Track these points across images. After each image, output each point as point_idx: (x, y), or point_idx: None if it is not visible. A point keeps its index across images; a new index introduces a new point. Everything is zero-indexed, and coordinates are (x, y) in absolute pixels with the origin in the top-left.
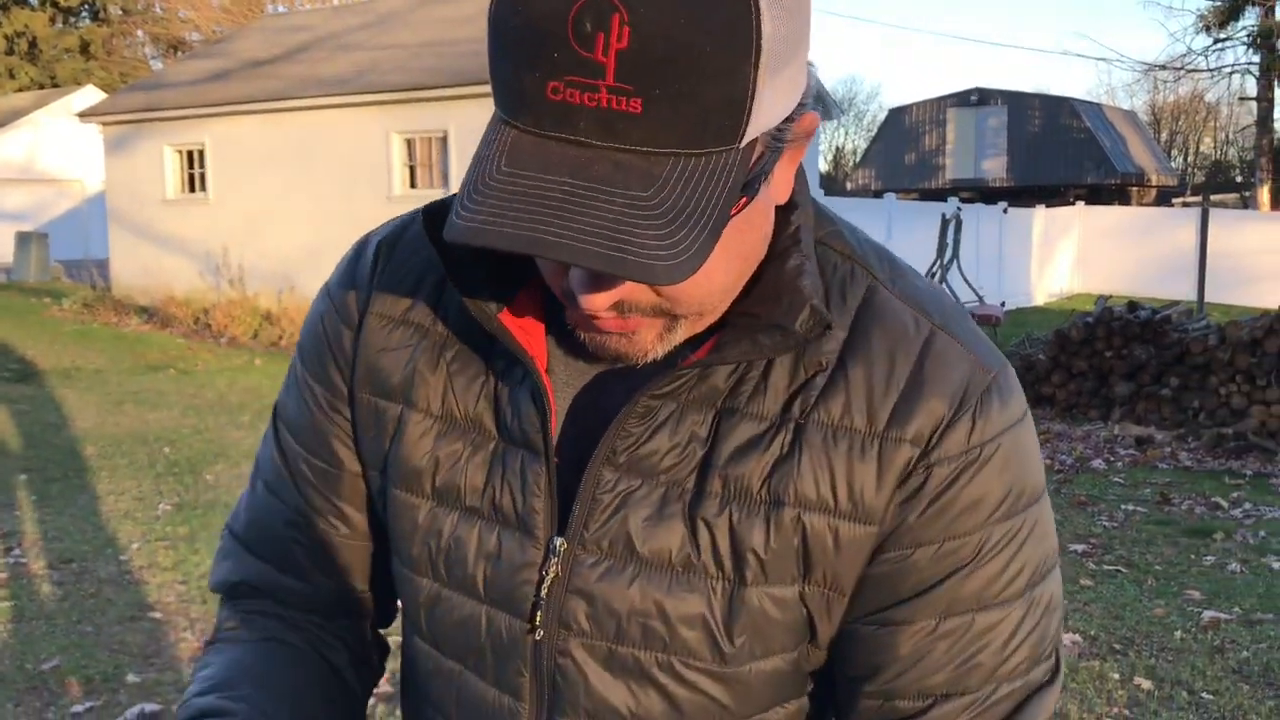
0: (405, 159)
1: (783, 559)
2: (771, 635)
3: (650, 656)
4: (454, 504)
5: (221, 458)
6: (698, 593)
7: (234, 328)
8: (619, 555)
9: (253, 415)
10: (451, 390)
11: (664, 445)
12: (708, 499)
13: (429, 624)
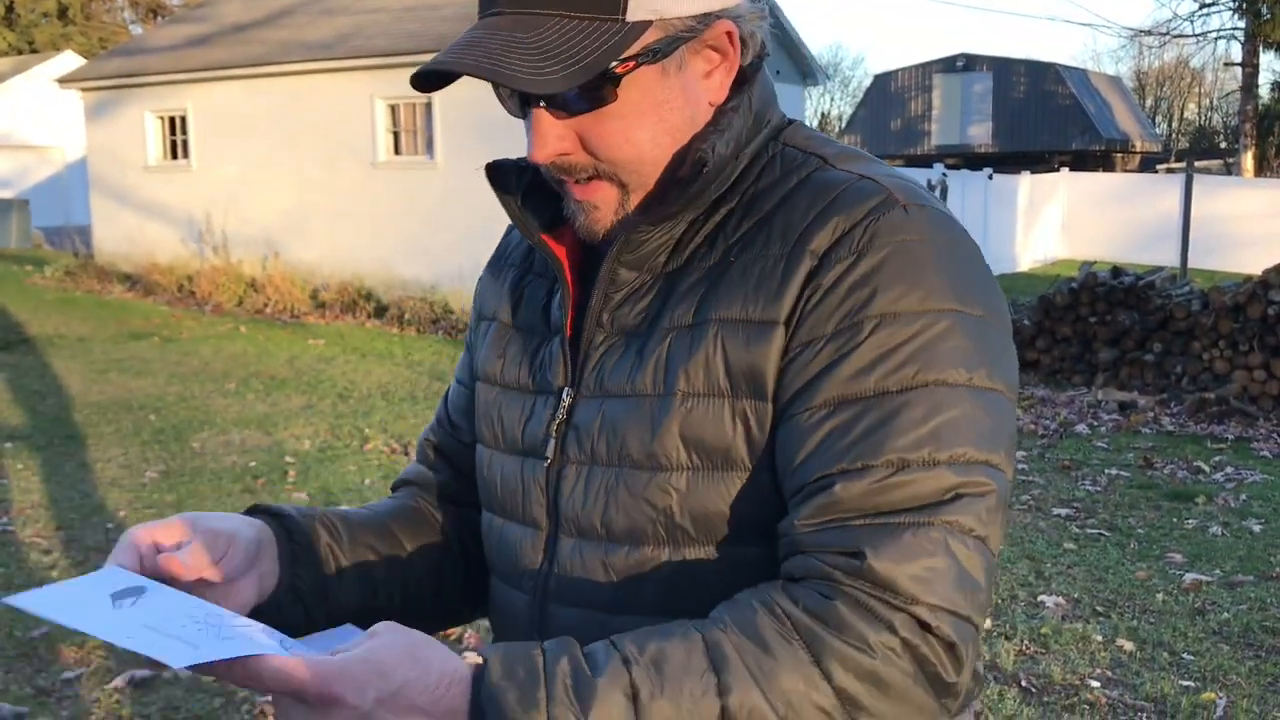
0: (389, 125)
1: (707, 371)
2: (706, 445)
3: (611, 472)
4: (511, 387)
5: (207, 425)
6: (638, 410)
7: (218, 295)
8: (593, 393)
9: (238, 382)
10: (522, 305)
11: (631, 306)
12: (653, 337)
13: (486, 488)
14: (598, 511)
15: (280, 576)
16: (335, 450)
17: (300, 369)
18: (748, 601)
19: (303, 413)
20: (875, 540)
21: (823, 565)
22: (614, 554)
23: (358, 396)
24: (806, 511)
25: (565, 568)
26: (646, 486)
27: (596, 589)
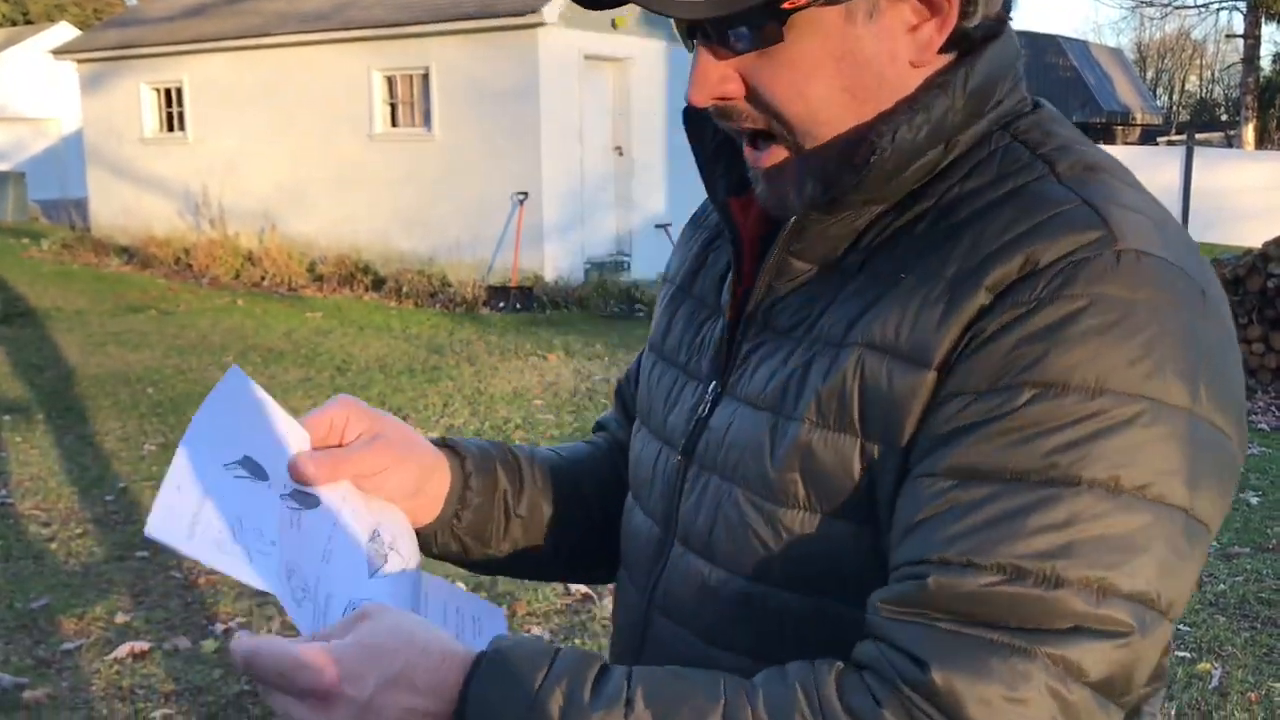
0: (386, 96)
1: (841, 401)
2: (828, 486)
3: (726, 489)
4: (670, 361)
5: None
6: (764, 428)
7: (215, 268)
8: (733, 394)
9: (236, 355)
10: (703, 272)
11: (792, 303)
12: (801, 347)
13: (630, 464)
14: (706, 527)
15: (442, 512)
16: None
17: (298, 342)
18: (793, 678)
19: (301, 385)
20: (951, 652)
21: (887, 662)
22: (714, 579)
23: (356, 369)
24: (893, 595)
25: (672, 578)
26: (755, 516)
27: (695, 613)
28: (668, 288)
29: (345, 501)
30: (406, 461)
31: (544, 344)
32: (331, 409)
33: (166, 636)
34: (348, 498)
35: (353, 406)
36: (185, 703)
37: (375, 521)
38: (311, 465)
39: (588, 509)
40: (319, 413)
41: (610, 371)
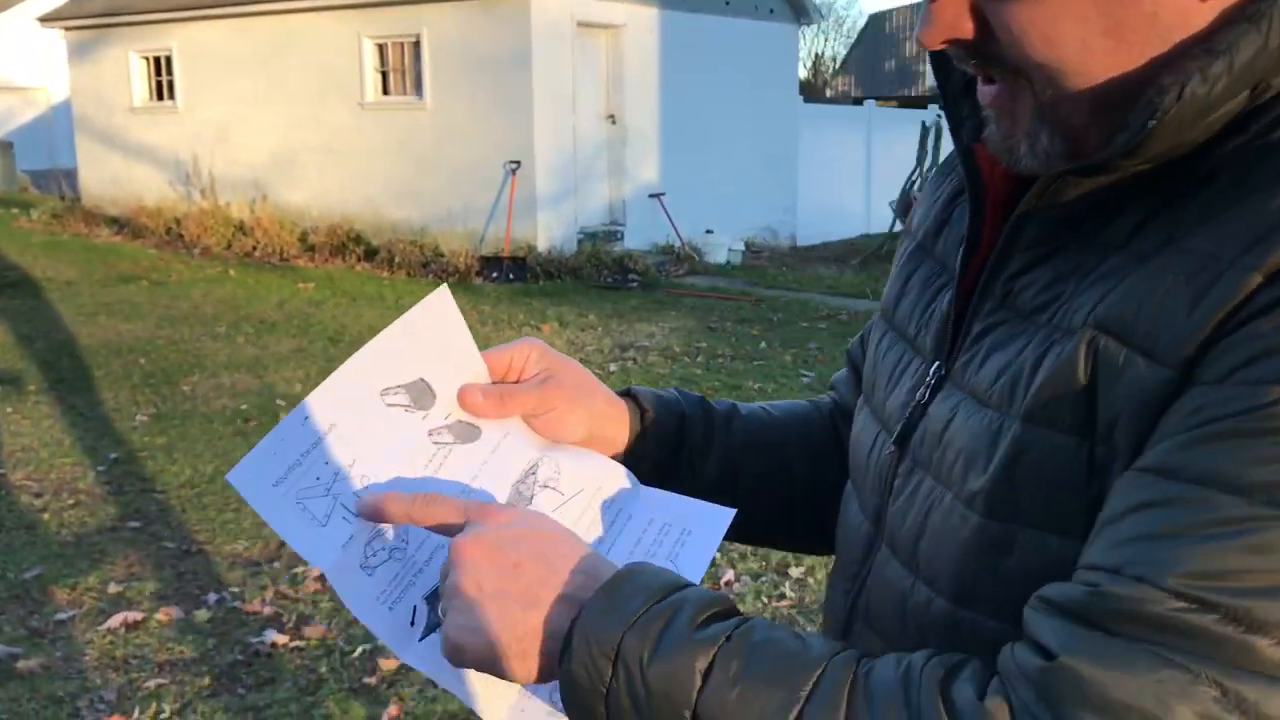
0: (377, 64)
1: (1064, 394)
2: (1051, 499)
3: (938, 494)
4: (899, 331)
5: (198, 368)
6: (982, 426)
7: (207, 238)
8: (958, 381)
9: (228, 326)
10: (946, 228)
11: (1034, 278)
12: (1040, 331)
13: (850, 445)
14: (914, 534)
15: (624, 455)
16: None
17: (290, 312)
18: (902, 664)
19: (294, 356)
20: (1091, 645)
21: (1009, 654)
22: (918, 595)
23: (349, 340)
24: (1052, 593)
25: (876, 586)
26: (968, 530)
27: (898, 630)
28: (908, 243)
29: (507, 437)
30: (577, 405)
31: (537, 314)
32: (514, 347)
33: (160, 606)
34: (511, 434)
35: (536, 347)
36: (179, 672)
37: (535, 458)
38: (480, 395)
39: (790, 473)
40: (501, 350)
41: (603, 341)
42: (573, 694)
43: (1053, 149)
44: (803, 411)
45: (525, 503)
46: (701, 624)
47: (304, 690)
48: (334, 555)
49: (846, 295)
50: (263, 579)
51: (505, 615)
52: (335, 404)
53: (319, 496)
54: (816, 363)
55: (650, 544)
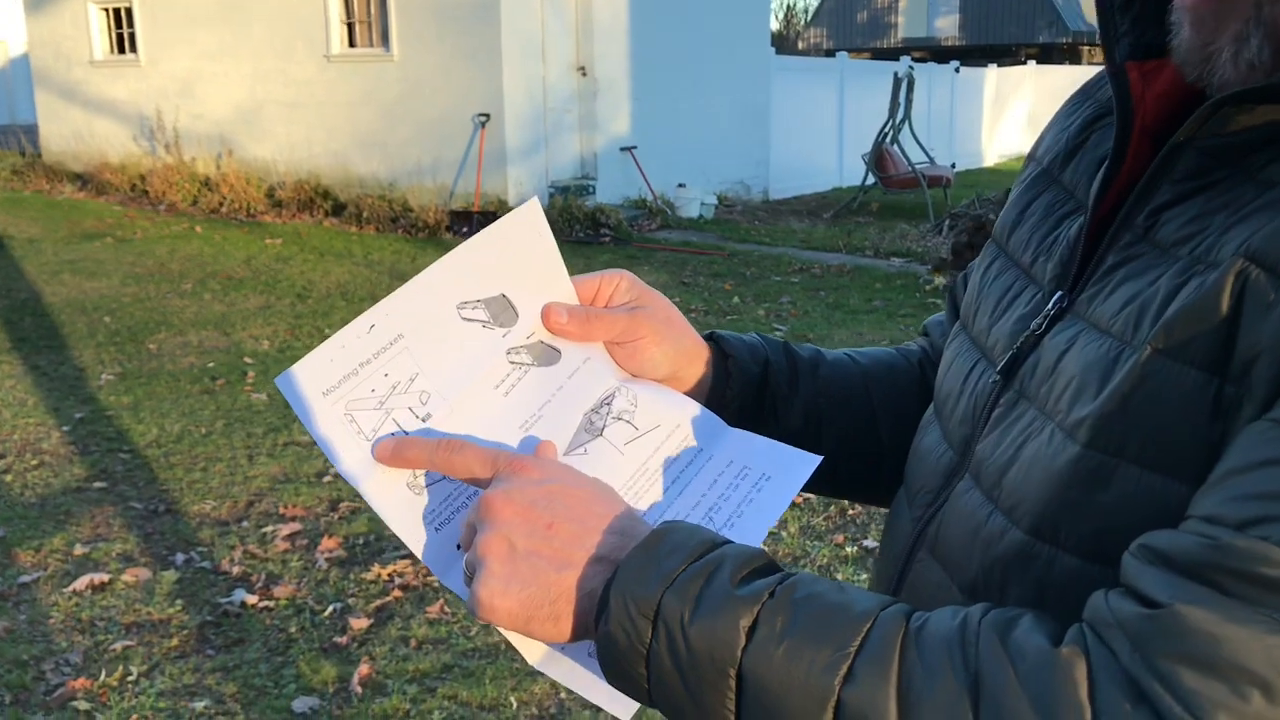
0: (343, 15)
1: (1202, 324)
2: (1163, 435)
3: (1038, 425)
4: (1013, 257)
5: (164, 326)
6: (1098, 355)
7: (172, 194)
8: (1081, 312)
9: (194, 283)
10: (1079, 154)
11: (1184, 212)
12: (1177, 266)
13: (940, 372)
14: (1002, 465)
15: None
16: (295, 351)
17: (257, 269)
18: (958, 616)
19: (261, 313)
20: (1201, 599)
21: (1103, 602)
22: (992, 525)
23: (316, 296)
24: (1162, 542)
25: (950, 516)
26: (1063, 459)
27: (962, 561)
28: (1031, 168)
29: (587, 363)
30: (664, 339)
31: None
32: (604, 274)
33: (127, 567)
34: (591, 359)
35: (626, 277)
36: (147, 634)
37: (613, 388)
38: (565, 315)
39: (874, 425)
40: (590, 276)
41: None
42: (612, 655)
43: (1260, 58)
44: (889, 360)
45: (596, 434)
46: (743, 580)
47: (274, 650)
48: (374, 472)
49: (819, 249)
50: (231, 539)
51: (538, 576)
52: (405, 314)
53: (370, 410)
54: (790, 316)
55: (725, 486)
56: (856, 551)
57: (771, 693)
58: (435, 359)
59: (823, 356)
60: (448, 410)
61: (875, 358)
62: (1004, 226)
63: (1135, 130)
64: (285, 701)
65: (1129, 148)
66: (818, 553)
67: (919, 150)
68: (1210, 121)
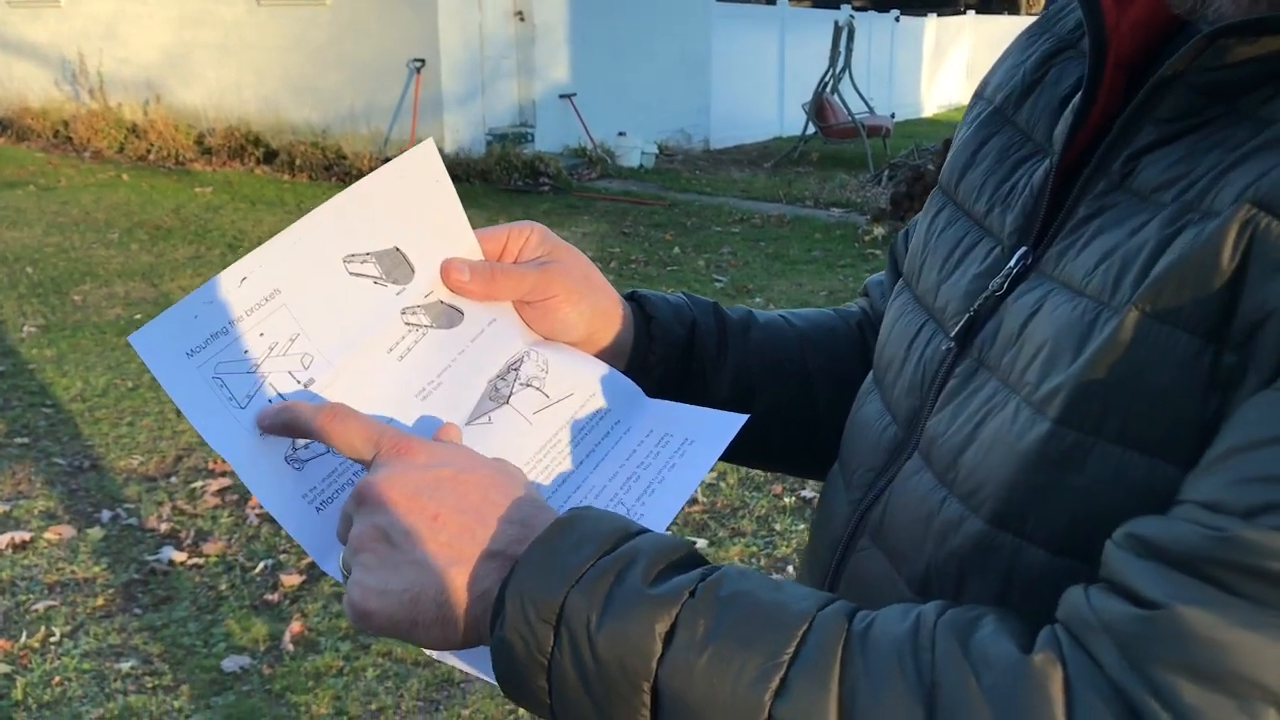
0: None
1: (1199, 283)
2: (1147, 410)
3: (1001, 398)
4: (963, 206)
5: (89, 276)
6: (1072, 318)
7: (97, 141)
8: (1049, 271)
9: (121, 233)
10: (1036, 93)
11: (1168, 156)
12: (1163, 215)
13: (880, 336)
14: (960, 443)
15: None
16: None
17: (186, 218)
18: (909, 616)
19: (190, 263)
20: (1203, 599)
21: (1084, 600)
22: (948, 512)
23: (248, 246)
24: (1154, 531)
25: (898, 499)
26: (1030, 437)
27: (911, 552)
28: (980, 107)
29: (492, 324)
30: (578, 298)
31: None
32: (513, 227)
33: (49, 525)
34: (498, 320)
35: (538, 230)
36: (71, 593)
37: (521, 351)
38: (467, 271)
39: (810, 391)
40: (496, 229)
41: None
42: (508, 666)
43: None
44: (827, 323)
45: (502, 401)
46: (659, 576)
47: (203, 608)
48: (247, 442)
49: (759, 199)
50: (159, 495)
51: (421, 575)
52: (283, 266)
53: (243, 373)
54: (730, 267)
55: (645, 455)
56: (795, 502)
57: (692, 709)
58: (318, 318)
59: (754, 318)
60: (333, 375)
61: (812, 320)
62: (952, 172)
63: (1109, 63)
64: (215, 660)
65: (1102, 83)
66: (756, 504)
67: (859, 100)
68: (1205, 54)
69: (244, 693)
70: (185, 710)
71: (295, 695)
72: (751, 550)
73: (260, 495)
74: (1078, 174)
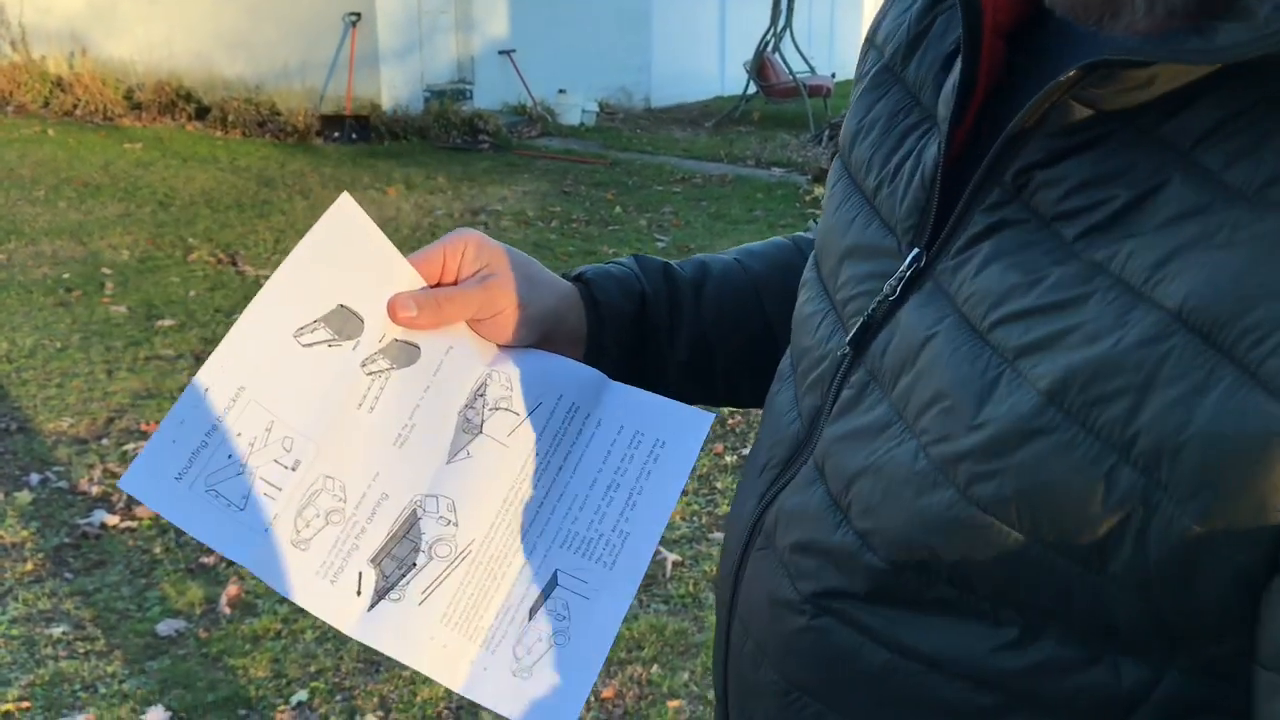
0: None
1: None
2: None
3: (897, 429)
4: (855, 179)
5: (15, 235)
6: (973, 367)
7: (20, 95)
8: (944, 286)
9: (48, 190)
10: (924, 47)
11: (1068, 177)
12: (1073, 261)
13: (795, 314)
14: (850, 470)
15: (584, 350)
16: (156, 260)
17: (116, 175)
18: None
19: (120, 221)
20: None
21: None
22: (843, 539)
23: (180, 204)
24: None
25: (790, 501)
26: (928, 496)
27: (805, 566)
28: (872, 59)
29: (450, 352)
30: (526, 305)
31: (383, 177)
32: (447, 242)
33: None
34: (455, 347)
35: (470, 240)
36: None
37: (484, 374)
38: (414, 305)
39: (770, 338)
40: (431, 249)
41: (453, 205)
42: None
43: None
44: (784, 259)
45: (475, 432)
46: None
47: (137, 572)
48: (257, 540)
49: (700, 158)
50: (90, 457)
51: None
52: (239, 363)
53: (232, 477)
54: (672, 226)
55: (620, 459)
56: (736, 461)
57: None
58: (286, 400)
59: (709, 271)
60: (315, 450)
61: (769, 259)
62: (847, 137)
63: (986, 32)
64: (149, 624)
65: (981, 55)
66: (698, 462)
67: (800, 59)
68: (1100, 65)
69: (179, 656)
70: (119, 675)
71: (232, 659)
72: (693, 509)
73: (279, 587)
74: (970, 154)
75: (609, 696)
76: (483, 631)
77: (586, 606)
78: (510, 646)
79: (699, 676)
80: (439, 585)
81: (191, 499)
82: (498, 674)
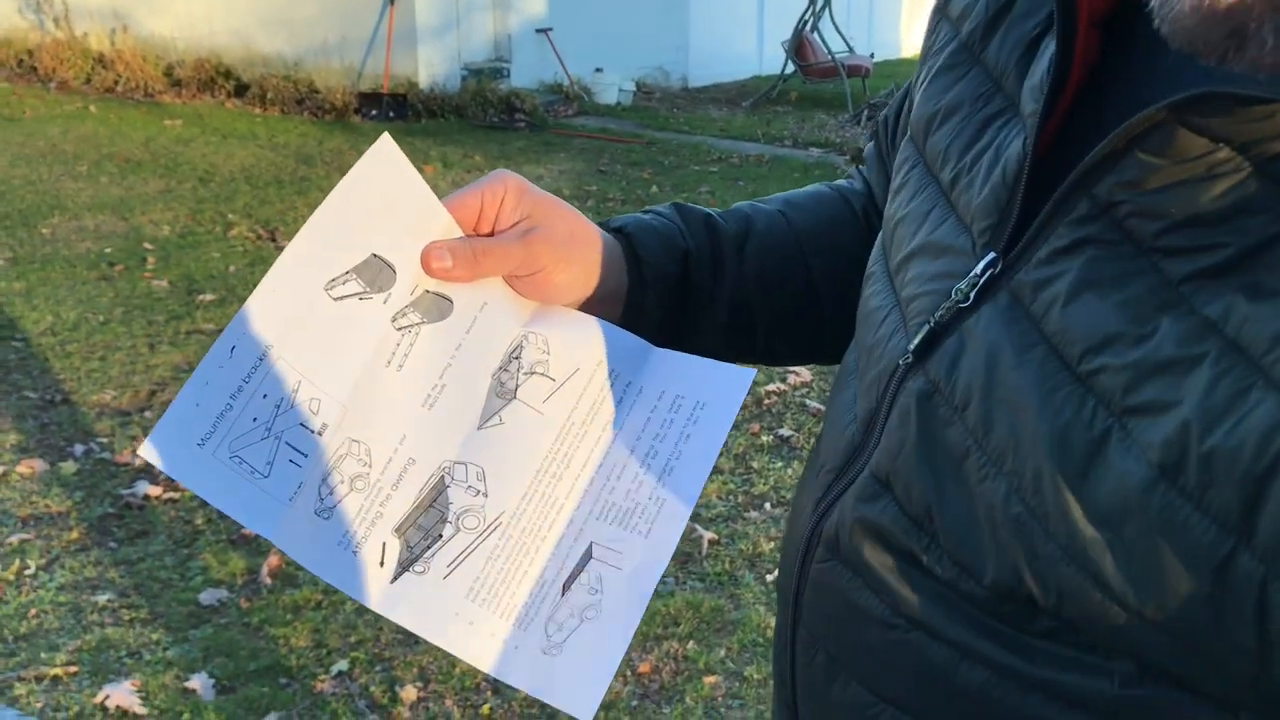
0: None
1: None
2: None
3: (968, 447)
4: (931, 167)
5: (58, 209)
6: (1070, 412)
7: (63, 71)
8: (1026, 303)
9: (90, 165)
10: (1005, 26)
11: (1180, 199)
12: (1181, 311)
13: (860, 311)
14: (927, 495)
15: (619, 317)
16: (197, 236)
17: (156, 151)
18: None
19: (161, 197)
20: None
21: None
22: (926, 559)
23: (219, 180)
24: None
25: (851, 512)
26: (1020, 543)
27: (875, 592)
28: (945, 34)
29: (485, 309)
30: (569, 263)
31: (420, 155)
32: (483, 186)
33: (22, 459)
34: (490, 303)
35: (510, 185)
36: (45, 527)
37: (519, 335)
38: (448, 256)
39: (814, 298)
40: (468, 192)
41: None
42: None
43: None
44: (830, 214)
45: (509, 397)
46: None
47: (179, 543)
48: (280, 511)
49: (738, 138)
50: (133, 429)
51: None
52: (268, 320)
53: (258, 441)
54: (708, 206)
55: (660, 425)
56: (772, 440)
57: None
58: (316, 357)
59: (752, 226)
60: (341, 412)
61: (813, 212)
62: (920, 121)
63: (1081, 21)
64: (192, 594)
65: (1075, 46)
66: (734, 442)
67: (839, 39)
68: (1208, 95)
69: (221, 625)
70: (163, 642)
71: (273, 628)
72: (729, 488)
73: (301, 559)
74: (1055, 155)
75: (645, 671)
76: (515, 609)
77: (620, 578)
78: (543, 624)
79: (735, 653)
80: (466, 559)
81: (215, 466)
82: (529, 653)
